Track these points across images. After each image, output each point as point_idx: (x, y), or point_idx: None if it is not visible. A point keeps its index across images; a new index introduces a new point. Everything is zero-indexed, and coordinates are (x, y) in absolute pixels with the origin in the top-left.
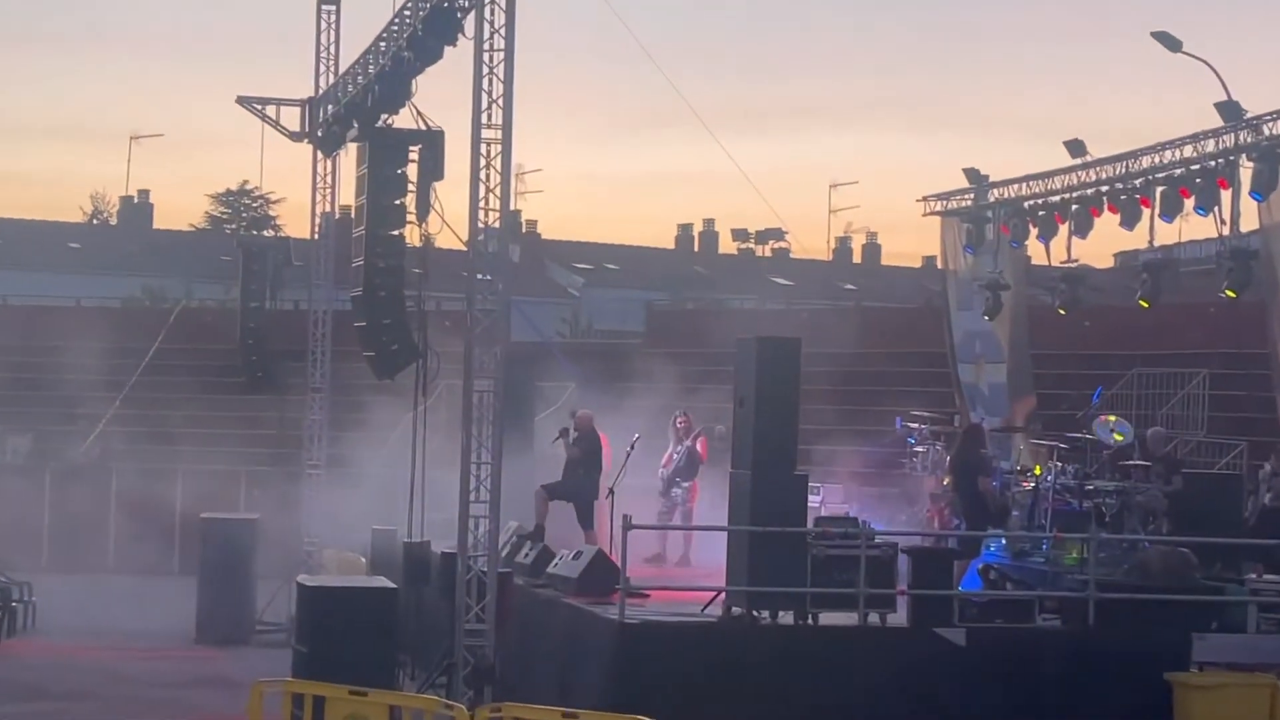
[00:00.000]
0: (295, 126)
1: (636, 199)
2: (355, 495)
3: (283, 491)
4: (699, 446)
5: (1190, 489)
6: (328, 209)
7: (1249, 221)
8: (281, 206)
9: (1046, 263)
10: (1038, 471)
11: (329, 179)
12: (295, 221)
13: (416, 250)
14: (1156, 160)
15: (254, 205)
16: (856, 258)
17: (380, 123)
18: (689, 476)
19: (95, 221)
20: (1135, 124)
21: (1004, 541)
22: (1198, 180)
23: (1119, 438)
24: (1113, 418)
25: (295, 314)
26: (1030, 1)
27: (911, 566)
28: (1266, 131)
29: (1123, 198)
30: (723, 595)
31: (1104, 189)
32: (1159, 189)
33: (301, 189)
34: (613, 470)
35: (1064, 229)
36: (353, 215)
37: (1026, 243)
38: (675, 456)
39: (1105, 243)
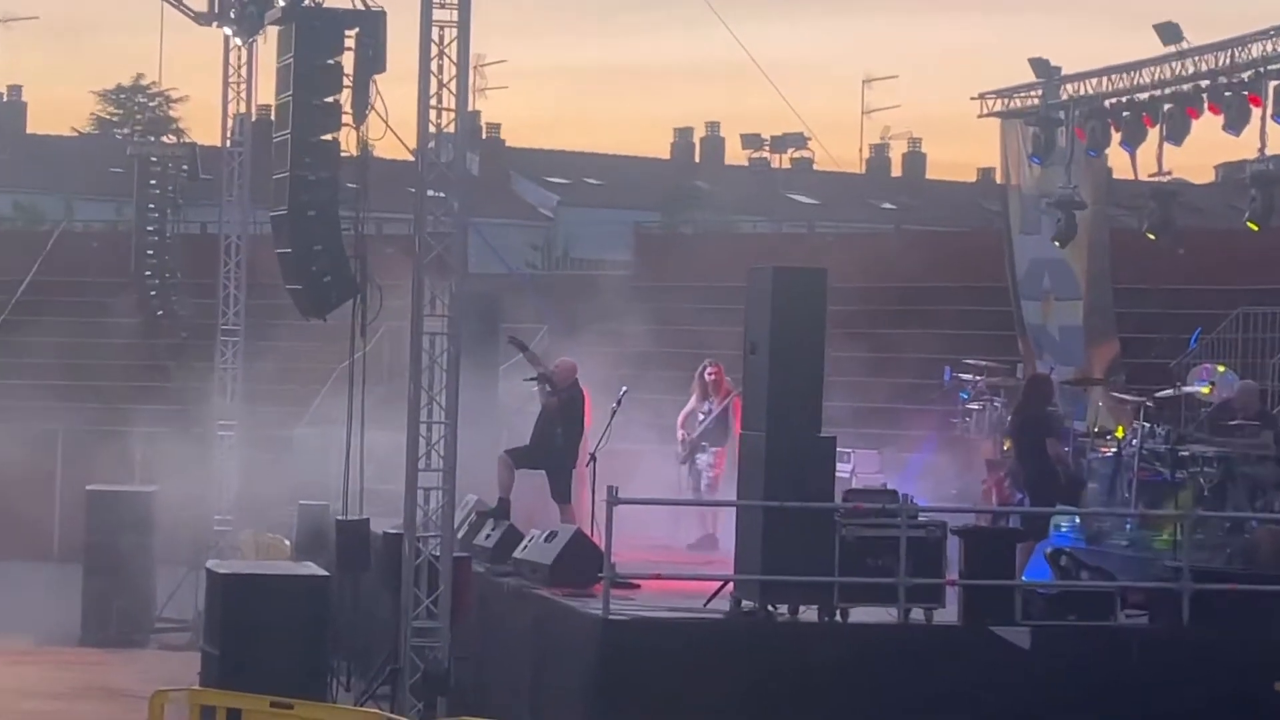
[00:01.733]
0: (202, 6)
1: (623, 97)
2: (277, 463)
3: (187, 458)
4: (733, 407)
5: None
6: (242, 109)
7: None
8: (185, 106)
9: (1132, 176)
10: (1120, 434)
11: (244, 72)
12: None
13: (353, 160)
14: (1270, 48)
15: (151, 105)
16: (896, 170)
17: (308, 0)
18: (718, 442)
19: None
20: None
21: (1078, 520)
22: None
23: (1205, 392)
24: (1221, 367)
25: (203, 239)
26: None
27: (964, 550)
28: None
29: (1227, 95)
30: (730, 586)
31: (1204, 84)
32: (1272, 84)
33: (210, 85)
34: (595, 432)
35: (1154, 134)
36: (274, 117)
37: (1107, 151)
38: (701, 416)
39: (1205, 152)
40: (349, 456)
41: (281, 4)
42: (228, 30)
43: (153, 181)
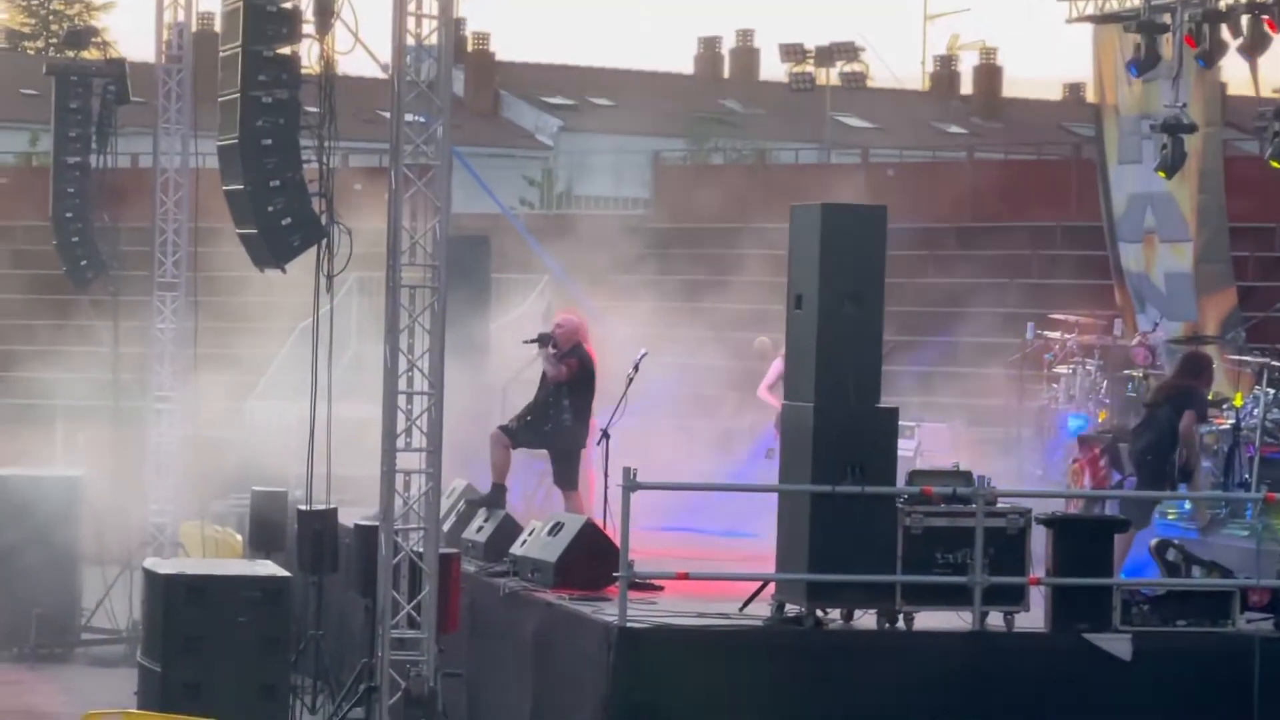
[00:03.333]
0: None
1: (636, 1)
2: (226, 442)
3: (119, 436)
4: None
5: None
6: (180, 17)
7: None
8: (111, 14)
9: (1253, 93)
10: (1238, 402)
11: None
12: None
13: (316, 79)
14: None
15: (69, 13)
16: (966, 87)
17: None
18: None
19: None
20: None
21: (1188, 506)
22: None
23: None
24: None
25: (135, 174)
26: None
27: (1052, 543)
28: None
29: None
30: (771, 587)
31: None
32: None
33: None
34: (606, 404)
35: (1279, 41)
36: (219, 27)
37: (1222, 62)
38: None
39: None
40: (313, 433)
41: None
42: None
43: (73, 105)
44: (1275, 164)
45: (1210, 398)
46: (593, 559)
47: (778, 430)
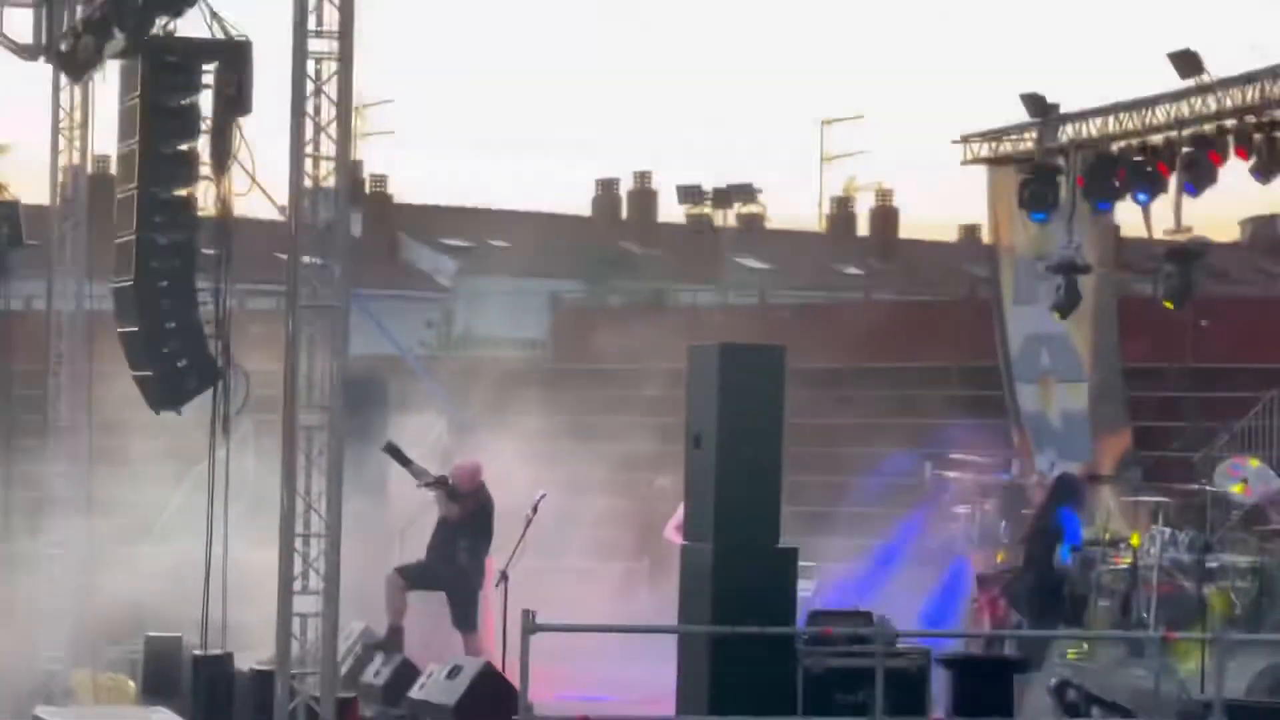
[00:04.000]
0: (26, 37)
1: (533, 142)
2: (119, 586)
3: (10, 582)
4: None
5: None
6: (76, 160)
7: None
8: (5, 158)
9: (1145, 235)
10: (1135, 542)
11: (77, 115)
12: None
13: (213, 221)
14: None
15: None
16: (862, 228)
17: (157, 29)
18: None
19: None
20: (1273, 26)
21: (1085, 645)
22: None
23: (1237, 490)
24: (1255, 462)
25: (28, 317)
26: None
27: (952, 683)
28: None
29: (1256, 136)
30: None
31: (1229, 124)
32: None
33: (36, 131)
34: (504, 546)
35: (1171, 184)
36: (115, 169)
37: (1116, 205)
38: None
39: (1231, 204)
40: (208, 578)
41: (123, 34)
42: (57, 66)
43: None
44: (1168, 305)
45: (1106, 537)
46: (492, 702)
47: None
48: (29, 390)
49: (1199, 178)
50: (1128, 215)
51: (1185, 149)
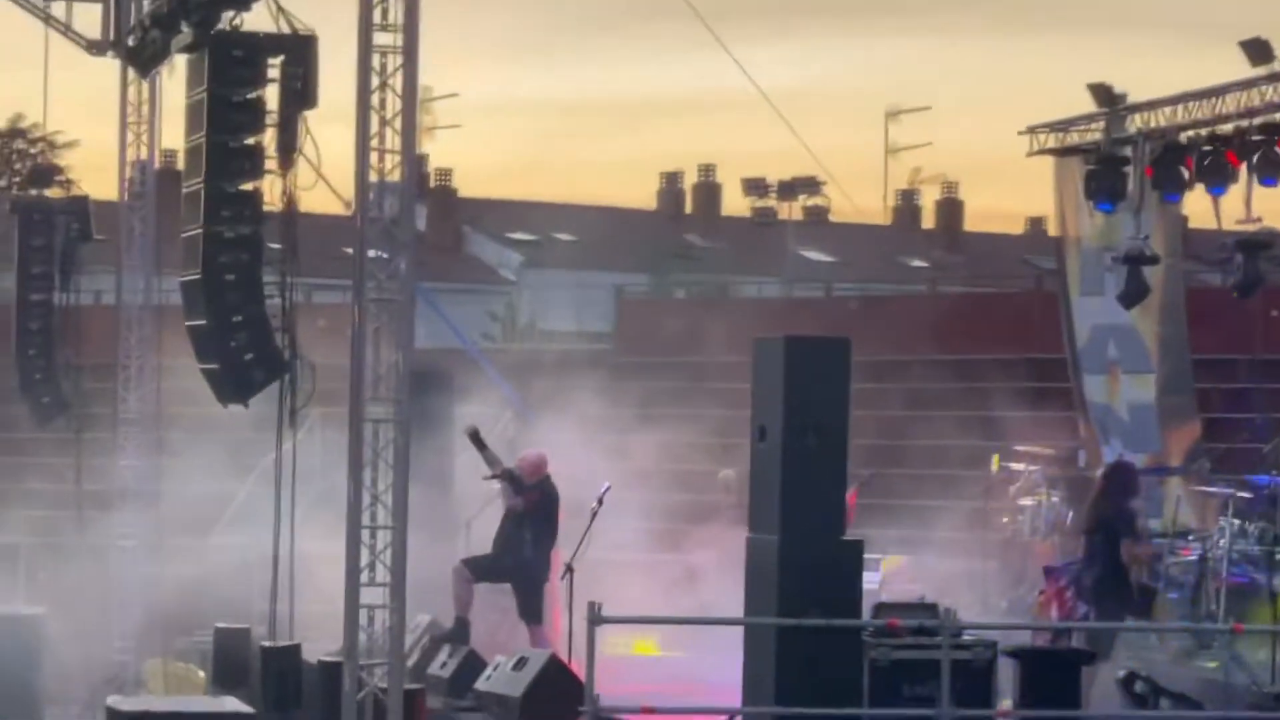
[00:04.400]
0: (95, 33)
1: (599, 137)
2: (189, 578)
3: (81, 574)
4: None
5: None
6: (143, 155)
7: None
8: (74, 153)
9: (1215, 225)
10: (1204, 533)
11: (144, 110)
12: (95, 175)
13: (279, 215)
14: None
15: (32, 151)
16: (928, 220)
17: (224, 24)
18: None
19: None
20: None
21: (1155, 637)
22: None
23: None
24: None
25: (97, 311)
26: None
27: (1019, 675)
28: None
29: None
30: None
31: None
32: None
33: (104, 127)
34: (570, 538)
35: (1241, 173)
36: (182, 164)
37: (1185, 195)
38: None
39: None
40: (276, 570)
41: (190, 29)
42: (125, 61)
43: (36, 243)
44: (1236, 294)
45: (1174, 529)
46: (558, 694)
47: None
48: (98, 384)
49: (1269, 167)
50: (1196, 206)
51: (1255, 138)
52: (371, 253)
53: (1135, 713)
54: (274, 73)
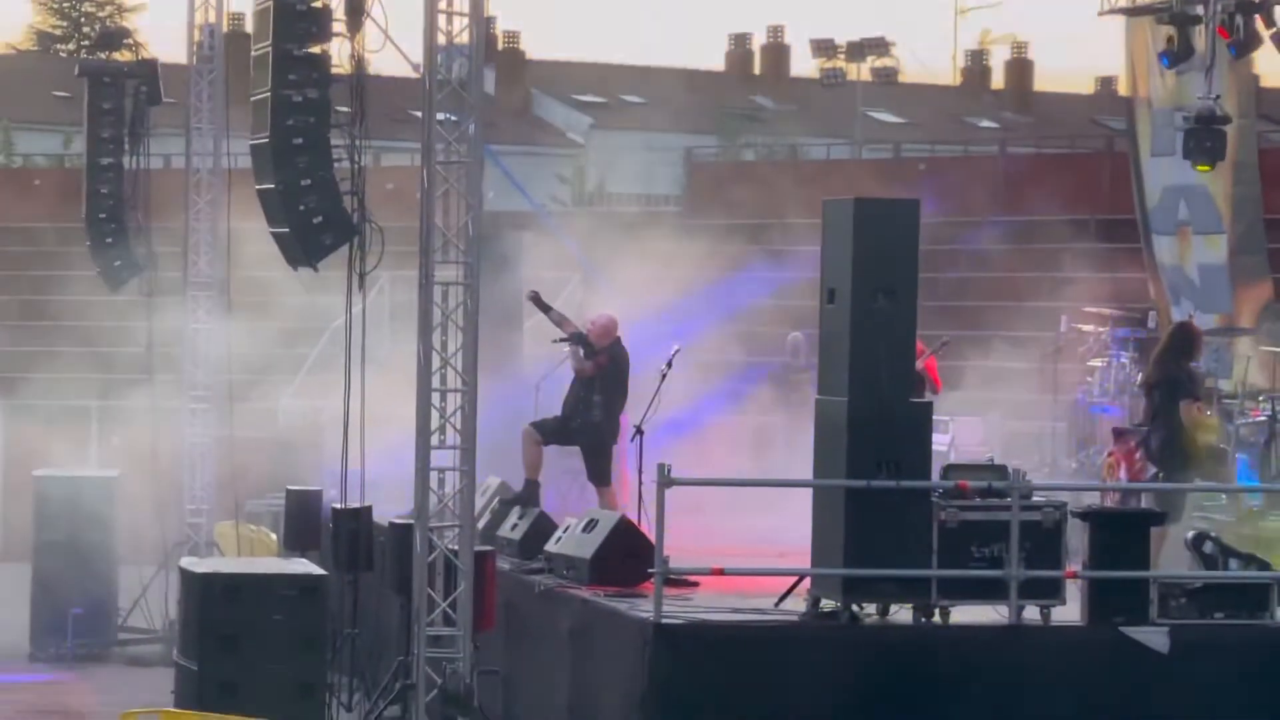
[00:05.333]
0: None
1: None
2: (260, 441)
3: (155, 437)
4: (926, 370)
5: None
6: (211, 18)
7: None
8: (142, 16)
9: None
10: (1275, 394)
11: None
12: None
13: (347, 78)
14: None
15: (100, 14)
16: (998, 80)
17: None
18: None
19: None
20: None
21: (1225, 499)
22: None
23: None
24: None
25: (168, 174)
26: None
27: (1089, 536)
28: None
29: None
30: (807, 582)
31: None
32: None
33: None
34: (639, 400)
35: None
36: (250, 27)
37: (1256, 54)
38: None
39: None
40: (346, 432)
41: None
42: None
43: (106, 106)
44: None
45: (1244, 390)
46: (628, 555)
47: None
48: (169, 247)
49: None
50: (1269, 64)
51: None
52: (440, 115)
53: (1204, 573)
54: None
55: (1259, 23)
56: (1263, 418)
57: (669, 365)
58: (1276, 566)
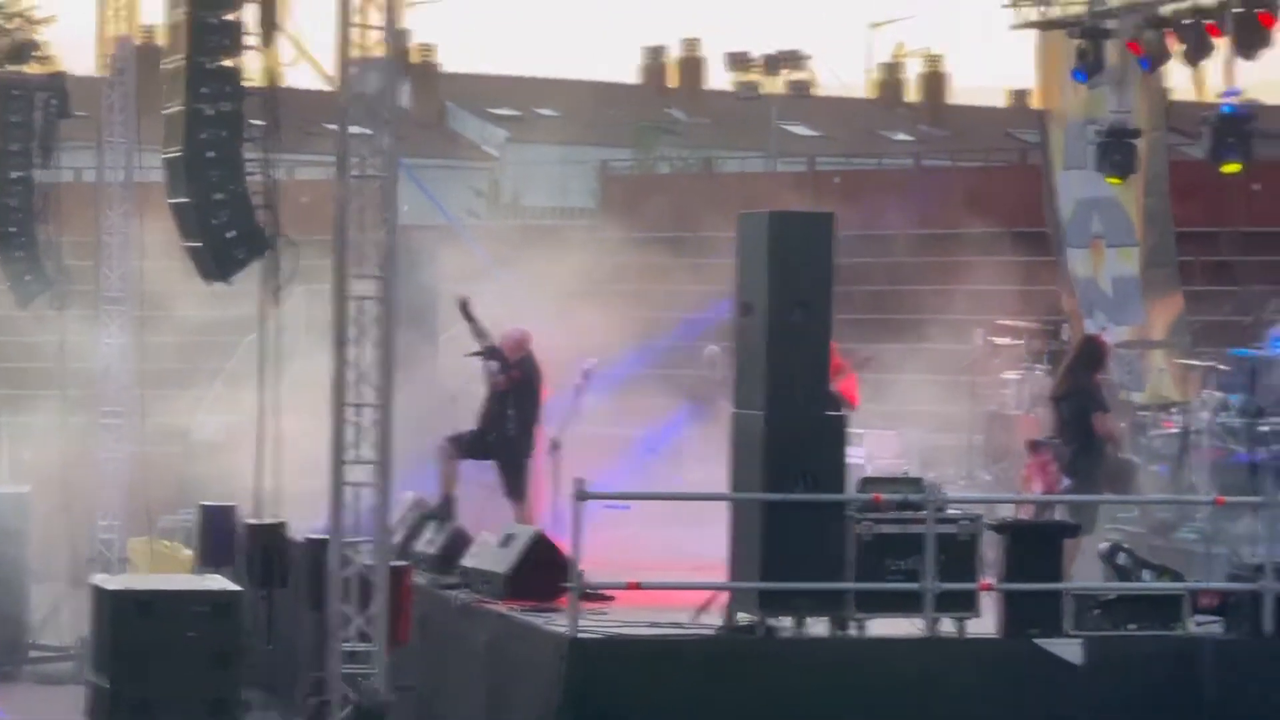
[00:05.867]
0: None
1: (581, 11)
2: (173, 456)
3: (66, 452)
4: (845, 385)
5: None
6: (123, 30)
7: None
8: (53, 28)
9: (1196, 98)
10: (1186, 406)
11: None
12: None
13: (260, 92)
14: None
15: (8, 26)
16: (911, 94)
17: None
18: None
19: None
20: None
21: (1138, 511)
22: None
23: None
24: None
25: (78, 188)
26: None
27: (1003, 549)
28: None
29: None
30: (724, 596)
31: None
32: None
33: (82, 2)
34: (555, 414)
35: (1222, 45)
36: (162, 40)
37: (1166, 67)
38: None
39: None
40: (260, 446)
41: None
42: None
43: (15, 119)
44: (1223, 169)
45: (1157, 402)
46: (544, 570)
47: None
48: (79, 261)
49: (1250, 39)
50: (1179, 79)
51: (1236, 10)
52: (354, 129)
53: (1117, 584)
54: None
55: (1169, 37)
56: (1175, 430)
57: (585, 378)
58: None
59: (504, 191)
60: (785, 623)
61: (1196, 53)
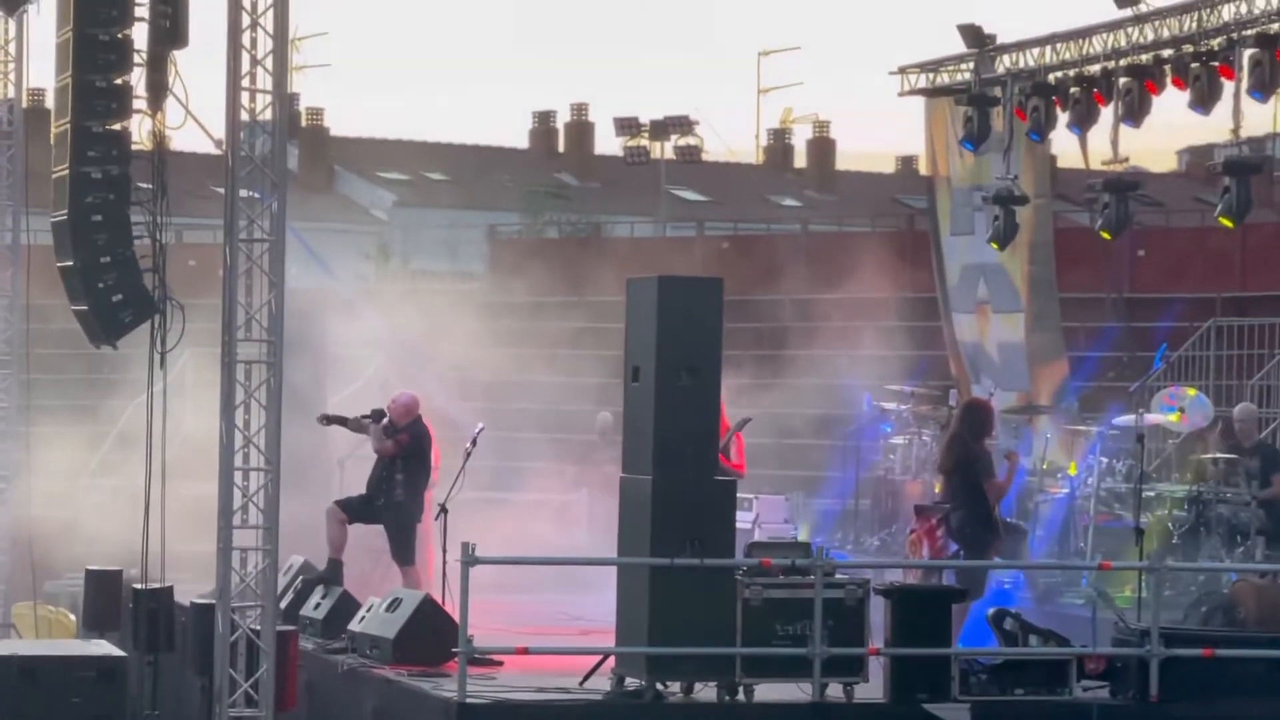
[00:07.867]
0: None
1: (470, 76)
2: (57, 520)
3: None
4: (736, 452)
5: None
6: (11, 94)
7: None
8: None
9: (1082, 165)
10: (1073, 471)
11: (12, 49)
12: None
13: (148, 154)
14: (1243, 10)
15: None
16: (800, 160)
17: None
18: None
19: None
20: None
21: (1023, 576)
22: None
23: (1174, 419)
24: (1191, 391)
25: None
26: None
27: (891, 613)
28: None
29: (1193, 66)
30: (611, 661)
31: (1166, 54)
32: (1247, 52)
33: None
34: (443, 479)
35: (1107, 114)
36: (51, 103)
37: (1052, 135)
38: None
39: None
40: (148, 512)
41: None
42: None
43: None
44: (1105, 235)
45: (1044, 466)
46: (431, 635)
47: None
48: None
49: (1136, 108)
50: (1065, 146)
51: (1122, 79)
52: (243, 192)
53: (1005, 649)
54: (142, 11)
55: (1055, 105)
56: (1062, 494)
57: (473, 444)
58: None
59: (393, 255)
60: (673, 688)
61: (1082, 121)
